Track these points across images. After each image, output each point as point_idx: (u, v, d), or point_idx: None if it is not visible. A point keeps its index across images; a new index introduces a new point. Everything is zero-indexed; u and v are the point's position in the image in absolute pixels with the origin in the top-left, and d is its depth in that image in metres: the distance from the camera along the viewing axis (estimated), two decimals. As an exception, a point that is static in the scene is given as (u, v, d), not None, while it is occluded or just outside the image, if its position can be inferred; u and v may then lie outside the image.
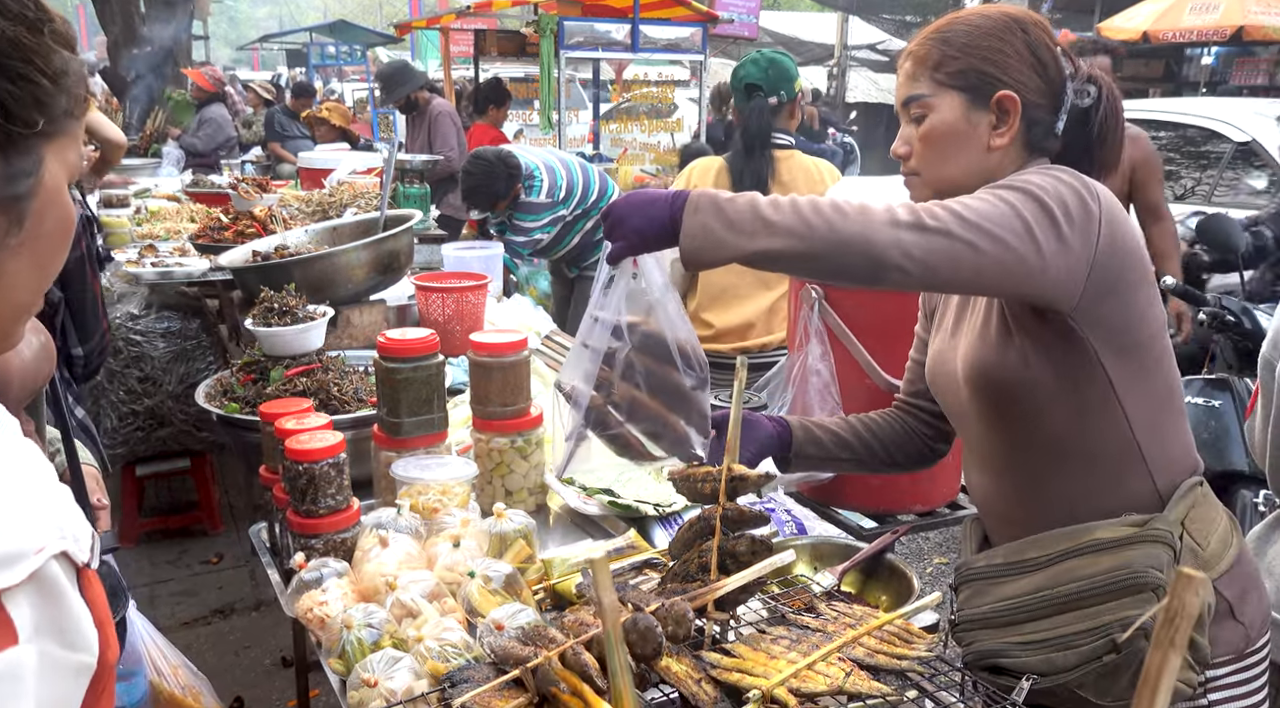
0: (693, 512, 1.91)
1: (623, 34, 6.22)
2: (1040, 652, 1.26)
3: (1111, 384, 1.28)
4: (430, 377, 1.86)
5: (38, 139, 0.64)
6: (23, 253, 0.66)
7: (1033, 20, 1.34)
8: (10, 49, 0.62)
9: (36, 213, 0.66)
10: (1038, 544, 1.32)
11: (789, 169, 2.77)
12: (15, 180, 0.63)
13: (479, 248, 3.80)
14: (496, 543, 1.65)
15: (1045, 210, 1.17)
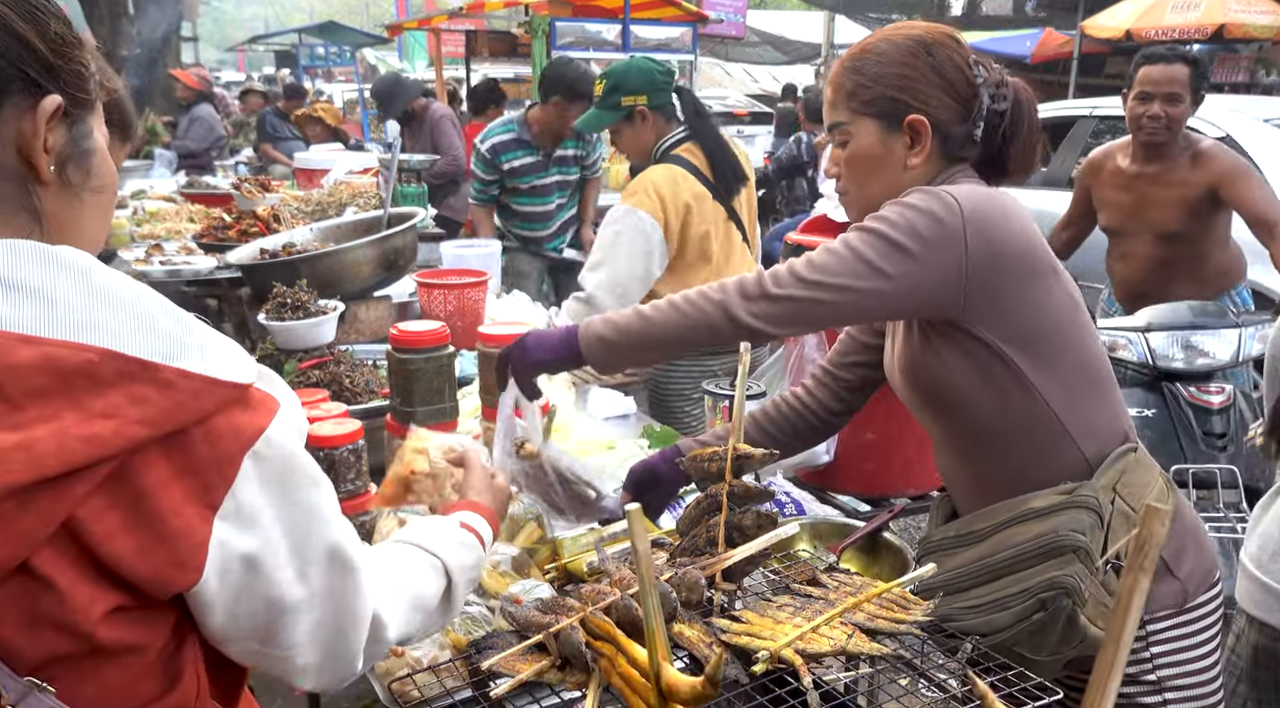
0: (695, 494, 2.00)
1: (614, 34, 6.29)
2: (981, 614, 1.36)
3: (1021, 371, 1.36)
4: (442, 367, 1.93)
5: (88, 110, 0.80)
6: (94, 200, 0.81)
7: (938, 40, 1.41)
8: (60, 40, 0.76)
9: (97, 167, 0.81)
10: (983, 516, 1.42)
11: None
12: (85, 139, 0.79)
13: (478, 246, 3.87)
14: (508, 526, 1.71)
15: (889, 241, 1.30)
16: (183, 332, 0.72)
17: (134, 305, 0.71)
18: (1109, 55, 12.06)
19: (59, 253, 0.71)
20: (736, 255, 2.84)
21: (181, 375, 0.69)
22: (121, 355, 0.67)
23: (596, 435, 2.33)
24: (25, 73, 0.72)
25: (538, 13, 6.45)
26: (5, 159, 0.73)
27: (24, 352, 0.65)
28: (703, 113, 2.82)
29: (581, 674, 1.13)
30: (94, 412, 0.65)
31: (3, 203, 0.74)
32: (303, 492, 0.79)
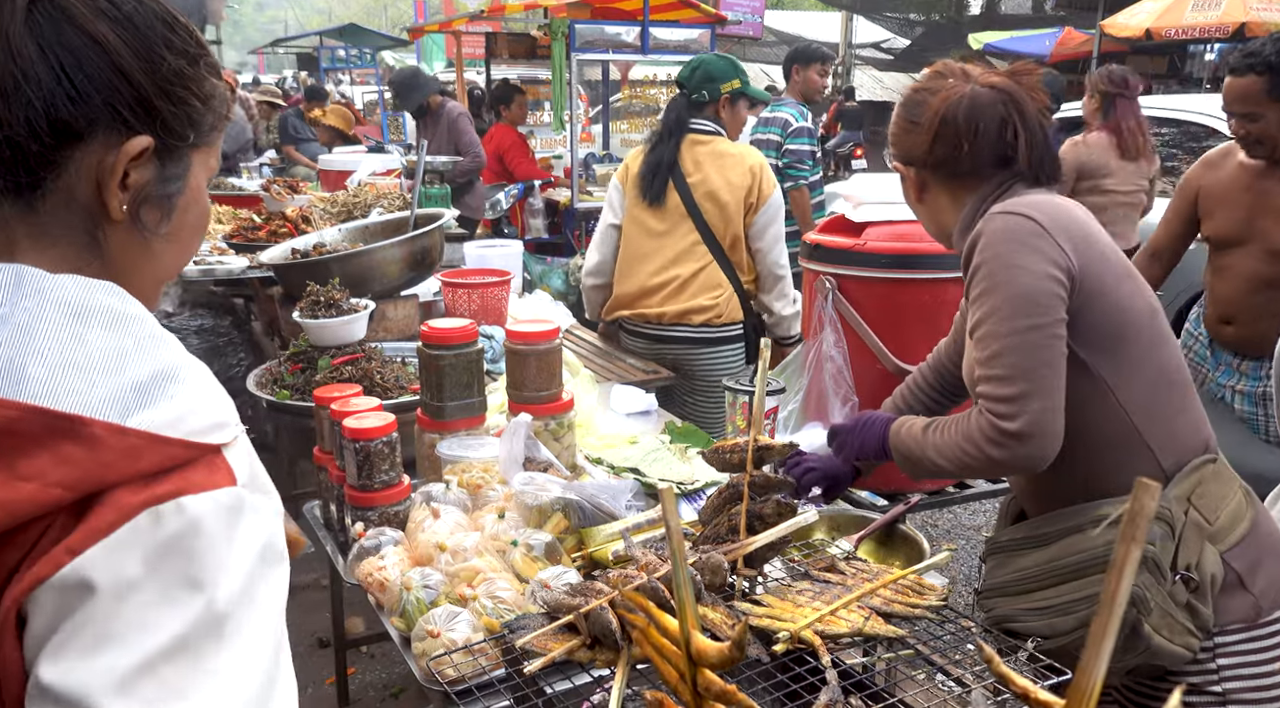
0: (714, 488, 2.05)
1: (632, 36, 6.34)
2: (1044, 617, 1.39)
3: (1103, 379, 1.40)
4: (470, 363, 1.99)
5: (188, 149, 0.77)
6: (170, 239, 0.79)
7: (912, 88, 1.55)
8: (175, 78, 0.74)
9: (182, 207, 0.78)
10: (1051, 520, 1.45)
11: (704, 154, 3.02)
12: (169, 182, 0.76)
13: (499, 246, 3.94)
14: (536, 515, 1.77)
15: (1011, 294, 1.38)
16: (159, 382, 0.67)
17: (113, 349, 0.67)
18: (1128, 54, 12.01)
19: (64, 290, 0.69)
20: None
21: (115, 432, 0.63)
22: (44, 411, 0.62)
23: (620, 430, 2.39)
24: (117, 110, 0.71)
25: (556, 15, 6.52)
26: (81, 189, 0.72)
27: None
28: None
29: (611, 653, 1.19)
30: (18, 473, 0.61)
31: (69, 230, 0.73)
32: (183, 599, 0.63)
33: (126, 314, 0.70)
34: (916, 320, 2.12)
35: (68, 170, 0.71)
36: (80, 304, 0.68)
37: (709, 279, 3.02)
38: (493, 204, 6.26)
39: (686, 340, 3.06)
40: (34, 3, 0.68)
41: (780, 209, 3.03)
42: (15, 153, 0.68)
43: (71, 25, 0.69)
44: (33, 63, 0.67)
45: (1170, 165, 5.87)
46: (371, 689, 2.88)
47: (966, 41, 14.19)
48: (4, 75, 0.67)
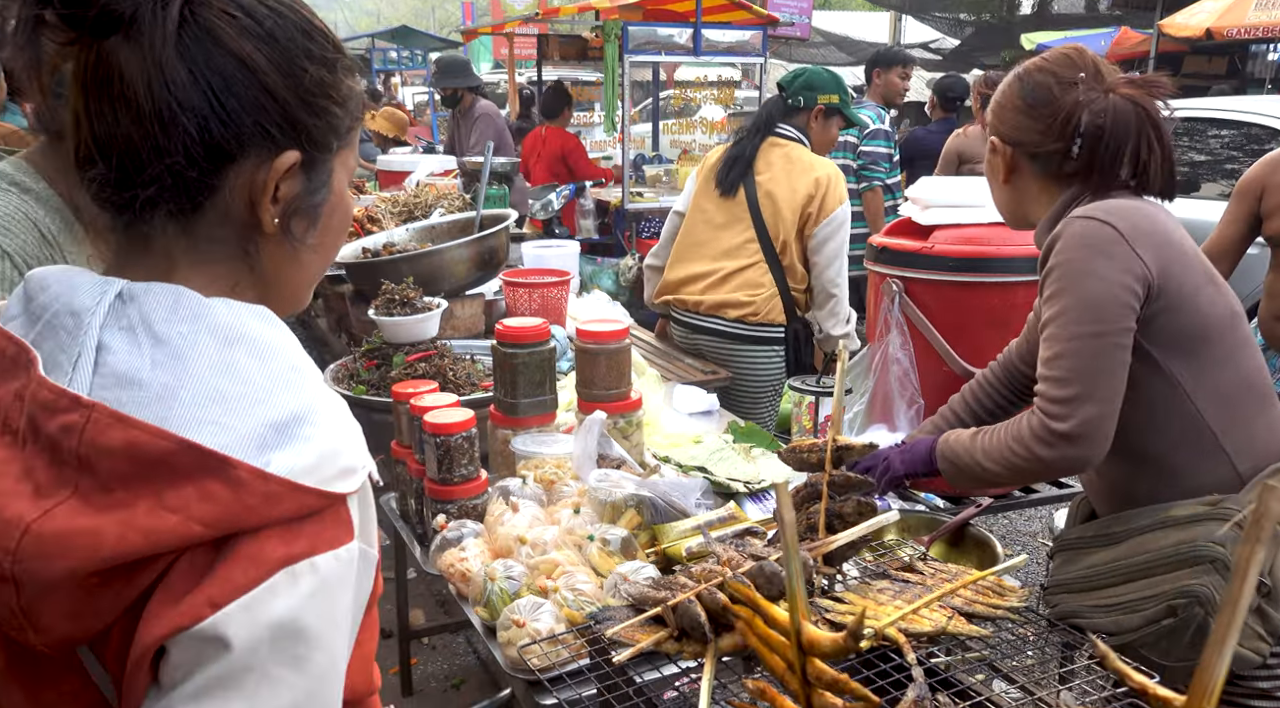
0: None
1: (684, 37, 6.36)
2: (1111, 614, 1.40)
3: (1180, 382, 1.40)
4: (543, 361, 2.04)
5: (331, 156, 0.78)
6: (317, 244, 0.80)
7: (1036, 66, 1.53)
8: (316, 89, 0.74)
9: (327, 213, 0.80)
10: (1121, 520, 1.46)
11: (777, 156, 3.06)
12: (316, 191, 0.77)
13: (557, 246, 3.99)
14: (610, 511, 1.81)
15: (1085, 301, 1.39)
16: (296, 421, 0.68)
17: (258, 380, 0.69)
18: (1187, 54, 11.76)
19: (217, 315, 0.70)
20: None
21: (258, 476, 0.65)
22: (197, 447, 0.64)
23: (684, 429, 2.42)
24: (266, 129, 0.72)
25: (609, 17, 6.56)
26: (234, 206, 0.73)
27: (114, 433, 0.64)
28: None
29: (698, 645, 1.22)
30: (165, 504, 0.64)
31: (222, 244, 0.74)
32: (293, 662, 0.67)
33: (272, 344, 0.71)
34: (984, 324, 2.13)
35: (222, 190, 0.72)
36: (230, 330, 0.70)
37: (751, 277, 3.04)
38: (544, 205, 6.32)
39: (719, 334, 3.09)
40: (182, 25, 0.68)
41: (843, 227, 3.00)
42: (176, 180, 0.70)
43: (219, 47, 0.69)
44: (186, 89, 0.68)
45: (1231, 167, 5.75)
46: (433, 680, 2.95)
47: (1018, 42, 13.98)
48: (161, 105, 0.68)
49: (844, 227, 3.00)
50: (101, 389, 0.67)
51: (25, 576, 0.64)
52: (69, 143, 0.72)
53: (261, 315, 0.73)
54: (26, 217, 1.34)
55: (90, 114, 0.69)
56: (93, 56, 0.68)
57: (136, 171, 0.69)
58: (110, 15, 0.66)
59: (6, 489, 0.66)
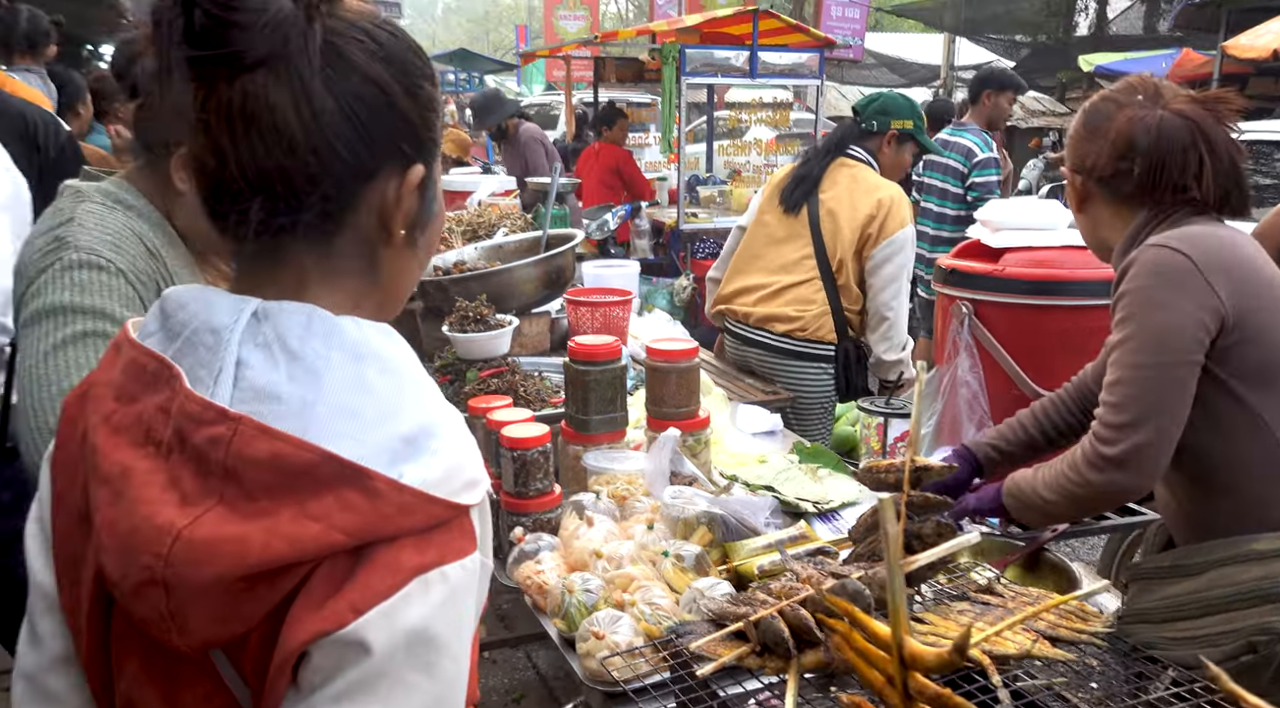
0: (853, 508, 2.08)
1: (741, 60, 6.41)
2: (1188, 647, 1.38)
3: (1259, 413, 1.39)
4: (614, 378, 2.07)
5: (436, 165, 0.82)
6: (423, 255, 0.84)
7: (1100, 95, 1.55)
8: (429, 104, 0.78)
9: (432, 223, 0.83)
10: (1201, 551, 1.44)
11: (844, 176, 3.08)
12: (431, 201, 0.81)
13: (617, 266, 4.04)
14: (682, 528, 1.83)
15: (1150, 332, 1.40)
16: (424, 434, 0.70)
17: (386, 395, 0.71)
18: (1252, 75, 11.52)
19: (347, 333, 0.72)
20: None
21: (394, 487, 0.67)
22: (338, 459, 0.67)
23: (748, 449, 2.43)
24: (398, 146, 0.75)
25: (665, 40, 6.64)
26: (366, 221, 0.76)
27: (260, 445, 0.67)
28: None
29: (781, 660, 1.23)
30: (308, 512, 0.66)
31: (351, 259, 0.77)
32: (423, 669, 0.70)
33: (397, 359, 0.74)
34: (1057, 347, 2.12)
35: (359, 206, 0.75)
36: (359, 347, 0.72)
37: (804, 293, 3.05)
38: (600, 224, 6.39)
39: (766, 347, 3.10)
40: (325, 58, 0.71)
41: (902, 250, 2.97)
42: (324, 202, 0.73)
43: (355, 72, 0.72)
44: (335, 117, 0.71)
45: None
46: (495, 694, 2.98)
47: (1076, 63, 13.82)
48: (314, 135, 0.71)
49: (903, 250, 2.98)
50: (242, 403, 0.70)
51: (175, 580, 0.67)
52: (204, 177, 0.74)
53: (385, 333, 0.75)
54: (133, 232, 1.39)
55: (238, 148, 0.70)
56: (237, 91, 0.69)
57: (290, 200, 0.72)
58: (256, 50, 0.69)
59: (154, 498, 0.69)
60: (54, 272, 1.26)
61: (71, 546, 0.78)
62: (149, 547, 0.67)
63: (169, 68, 0.70)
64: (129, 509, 0.69)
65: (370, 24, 0.74)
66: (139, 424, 0.72)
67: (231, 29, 0.68)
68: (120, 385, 0.76)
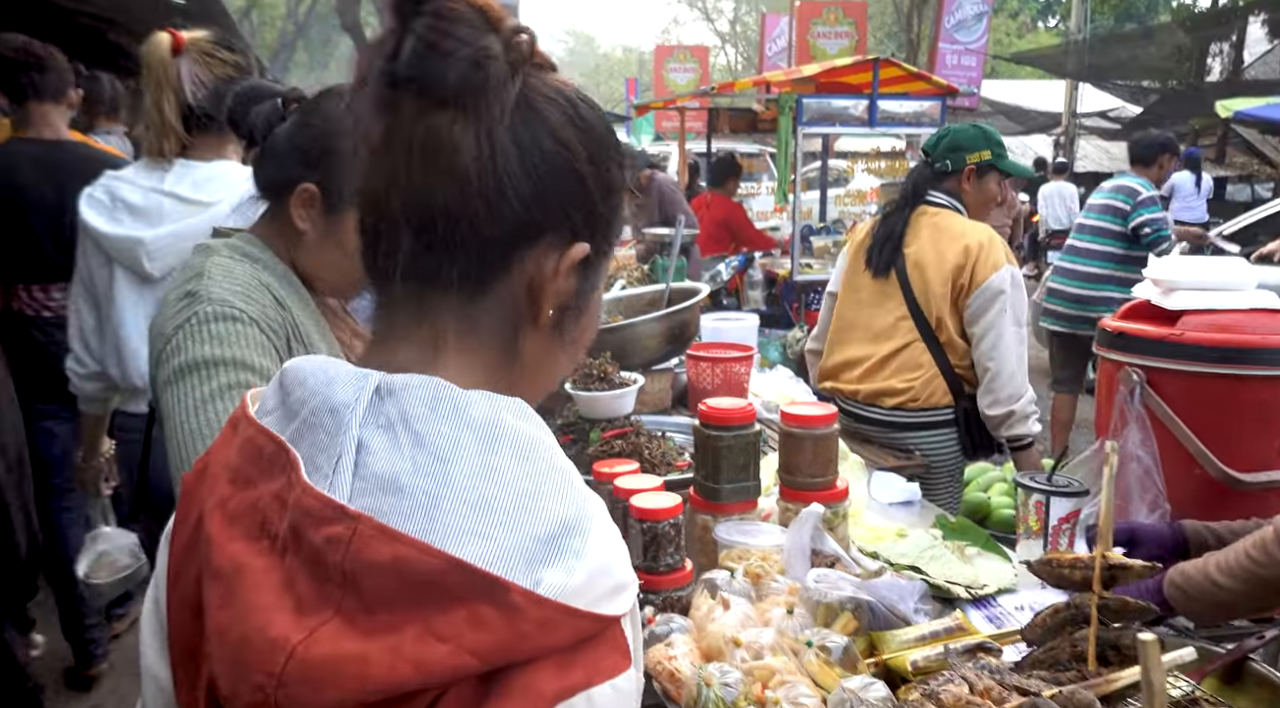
0: (1009, 595, 1.88)
1: (860, 109, 6.28)
2: None
3: None
4: (748, 445, 1.94)
5: (604, 258, 0.77)
6: (568, 352, 0.78)
7: None
8: (614, 187, 0.75)
9: (588, 317, 0.78)
10: None
11: (925, 225, 2.90)
12: (587, 291, 0.76)
13: (734, 319, 3.92)
14: (824, 613, 1.67)
15: None
16: (565, 532, 0.62)
17: (522, 485, 0.63)
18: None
19: (476, 410, 0.66)
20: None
21: (533, 601, 0.59)
22: (468, 567, 0.59)
23: (887, 521, 2.26)
24: (569, 215, 0.71)
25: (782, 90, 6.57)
26: (515, 290, 0.71)
27: (380, 548, 0.60)
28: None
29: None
30: (434, 630, 0.59)
31: (492, 329, 0.72)
32: None
33: (534, 440, 0.67)
34: (1251, 421, 1.89)
35: (512, 271, 0.71)
36: (490, 428, 0.65)
37: (909, 359, 2.86)
38: (713, 275, 6.31)
39: (879, 423, 2.91)
40: (517, 105, 0.69)
41: (1000, 295, 2.74)
42: (479, 247, 0.69)
43: (545, 128, 0.70)
44: (513, 166, 0.68)
45: None
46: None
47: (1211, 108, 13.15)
48: (488, 178, 0.68)
49: (1001, 295, 2.74)
50: (362, 495, 0.63)
51: (289, 702, 0.59)
52: (368, 211, 0.72)
53: (519, 410, 0.68)
54: (260, 283, 1.38)
55: (410, 180, 0.68)
56: (422, 127, 0.67)
57: (445, 244, 0.69)
58: (455, 83, 0.67)
59: (268, 604, 0.62)
60: (190, 327, 1.24)
61: (186, 637, 0.71)
62: (261, 664, 0.60)
63: (367, 95, 0.69)
64: (241, 614, 0.63)
65: (575, 94, 0.73)
66: (254, 514, 0.67)
67: (438, 57, 0.66)
68: (236, 467, 0.70)
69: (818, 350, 3.25)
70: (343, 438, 0.65)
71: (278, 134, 1.37)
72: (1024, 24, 30.49)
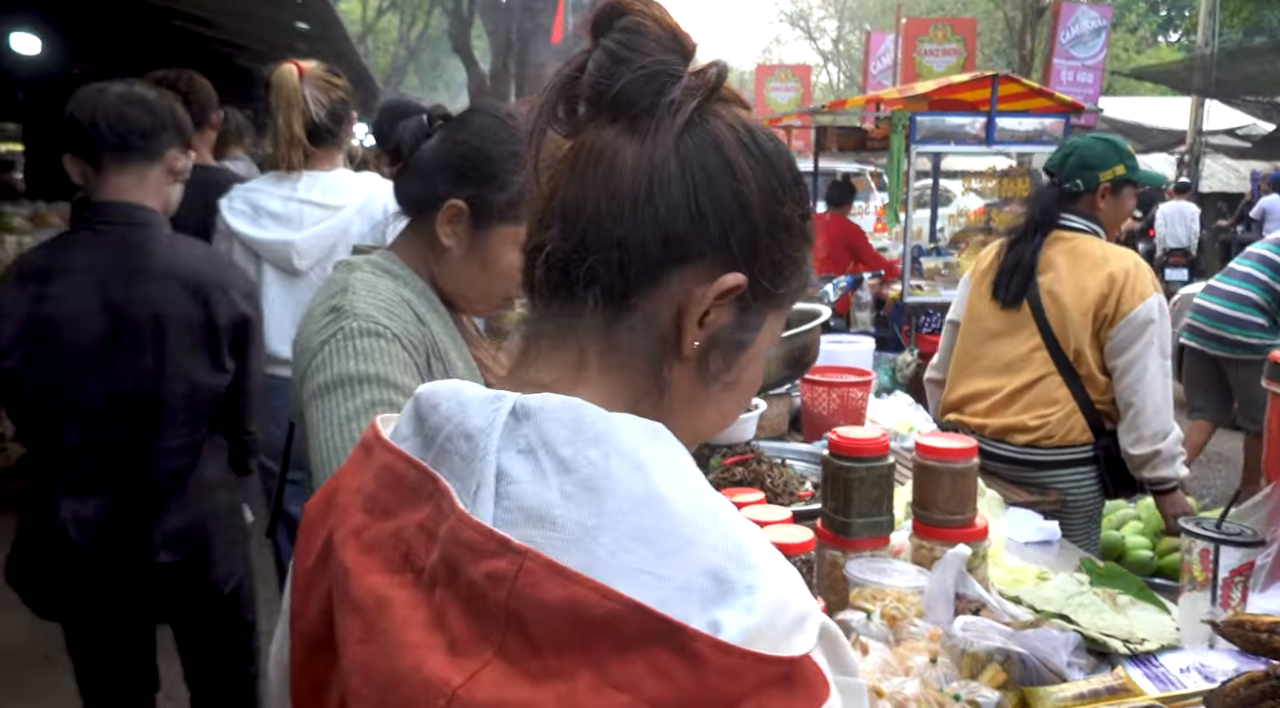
0: (1172, 653, 1.71)
1: (977, 127, 6.07)
2: None
3: None
4: (881, 477, 1.83)
5: (768, 306, 0.73)
6: (724, 392, 0.74)
7: None
8: (785, 226, 0.70)
9: (743, 363, 0.73)
10: None
11: (1060, 251, 2.70)
12: (743, 331, 0.71)
13: (849, 342, 3.79)
14: (969, 663, 1.56)
15: None
16: (735, 564, 0.57)
17: (683, 515, 0.58)
18: None
19: (623, 434, 0.61)
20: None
21: (718, 649, 0.54)
22: (647, 611, 0.54)
23: (1027, 563, 2.11)
24: (727, 240, 0.67)
25: (894, 108, 6.41)
26: (661, 315, 0.68)
27: (551, 588, 0.56)
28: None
29: None
30: (610, 678, 0.54)
31: (639, 357, 0.68)
32: None
33: (684, 465, 0.63)
34: None
35: (658, 293, 0.67)
36: (640, 452, 0.61)
37: (1043, 393, 2.67)
38: (820, 296, 6.18)
39: (1008, 460, 2.72)
40: (689, 124, 0.67)
41: (1148, 327, 2.55)
42: (623, 259, 0.66)
43: (714, 150, 0.67)
44: (669, 178, 0.66)
45: None
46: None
47: (1357, 125, 12.31)
48: (638, 180, 0.66)
49: (1149, 326, 2.55)
50: (508, 527, 0.59)
51: None
52: (531, 224, 0.71)
53: (664, 434, 0.64)
54: (402, 299, 1.37)
55: (565, 193, 0.68)
56: (591, 139, 0.68)
57: (592, 247, 0.66)
58: (626, 103, 0.67)
59: (417, 641, 0.58)
60: (336, 342, 1.24)
61: (313, 670, 0.68)
62: (417, 706, 0.57)
63: (544, 108, 0.69)
64: (387, 650, 0.59)
65: (757, 125, 0.71)
66: (395, 545, 0.64)
67: (619, 71, 0.66)
68: (371, 495, 0.67)
69: (938, 381, 3.10)
70: (480, 465, 0.62)
71: (424, 150, 1.36)
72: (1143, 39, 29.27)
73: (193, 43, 6.25)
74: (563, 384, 0.67)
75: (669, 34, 0.67)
